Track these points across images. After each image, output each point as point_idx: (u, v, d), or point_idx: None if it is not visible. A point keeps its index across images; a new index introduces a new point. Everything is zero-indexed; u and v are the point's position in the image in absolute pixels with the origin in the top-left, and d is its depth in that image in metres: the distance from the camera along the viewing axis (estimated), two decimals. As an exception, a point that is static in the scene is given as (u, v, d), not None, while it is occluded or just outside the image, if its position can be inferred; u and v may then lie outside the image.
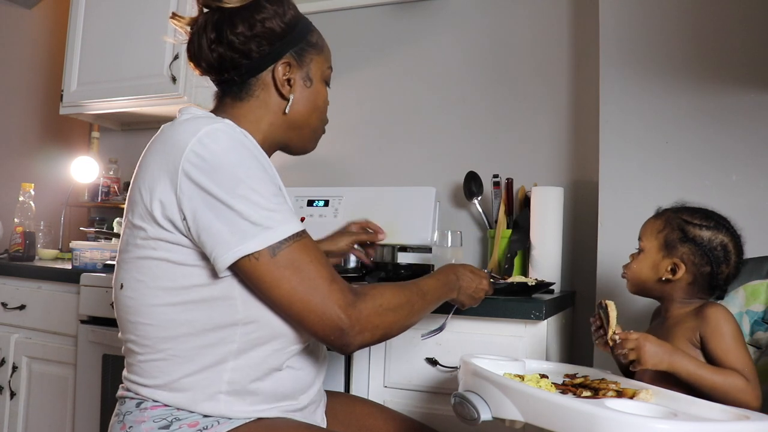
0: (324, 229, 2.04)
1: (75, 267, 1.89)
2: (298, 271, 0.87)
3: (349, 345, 0.90)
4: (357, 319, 0.89)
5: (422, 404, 1.38)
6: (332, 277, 0.89)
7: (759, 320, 1.16)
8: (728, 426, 0.82)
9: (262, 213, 0.86)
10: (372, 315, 0.91)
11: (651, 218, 1.13)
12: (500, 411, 0.89)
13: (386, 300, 0.94)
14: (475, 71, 2.03)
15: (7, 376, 1.90)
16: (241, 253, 0.85)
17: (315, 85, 1.04)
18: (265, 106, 1.01)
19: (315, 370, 1.04)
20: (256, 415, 0.95)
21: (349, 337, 0.89)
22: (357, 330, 0.89)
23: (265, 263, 0.86)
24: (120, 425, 0.94)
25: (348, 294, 0.89)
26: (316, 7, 2.19)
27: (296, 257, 0.87)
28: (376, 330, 0.92)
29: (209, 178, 0.85)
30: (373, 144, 2.15)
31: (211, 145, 0.87)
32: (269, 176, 0.90)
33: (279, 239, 0.86)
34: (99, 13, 2.22)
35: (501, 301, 1.32)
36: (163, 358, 0.92)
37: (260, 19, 0.98)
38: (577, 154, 1.88)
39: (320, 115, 1.07)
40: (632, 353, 0.98)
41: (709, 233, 1.05)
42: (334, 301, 0.88)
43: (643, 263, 1.09)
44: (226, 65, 1.00)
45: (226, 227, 0.85)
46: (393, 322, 0.95)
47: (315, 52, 1.04)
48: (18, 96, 2.89)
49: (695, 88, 1.49)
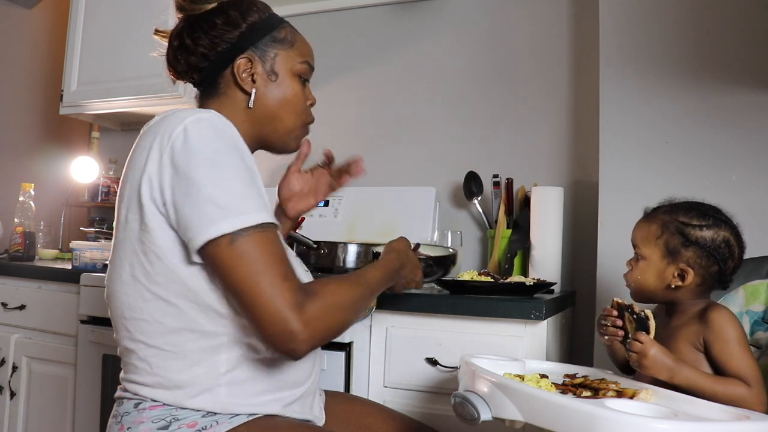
0: (324, 229, 2.05)
1: (75, 267, 1.89)
2: (252, 261, 0.85)
3: (296, 351, 0.87)
4: (306, 321, 0.85)
5: (422, 404, 1.38)
6: (285, 275, 0.87)
7: (759, 320, 1.16)
8: (728, 426, 0.82)
9: (230, 199, 0.86)
10: (322, 317, 0.88)
11: (642, 222, 1.10)
12: (500, 411, 0.89)
13: (337, 298, 0.92)
14: (475, 71, 2.03)
15: (7, 376, 1.90)
16: (206, 237, 0.85)
17: (282, 79, 1.05)
18: (233, 102, 1.04)
19: (310, 359, 1.04)
20: (257, 407, 0.95)
21: (297, 342, 0.86)
22: (307, 334, 0.86)
23: (224, 249, 0.85)
24: (118, 426, 0.94)
25: (298, 294, 0.86)
26: (316, 7, 2.19)
27: (253, 248, 0.86)
28: (327, 332, 0.90)
29: (187, 163, 0.87)
30: (373, 144, 2.14)
31: (193, 131, 0.89)
32: (246, 166, 0.91)
33: (241, 226, 0.85)
34: (99, 13, 2.22)
35: (501, 301, 1.32)
36: (157, 354, 0.93)
37: (218, 22, 1.02)
38: (577, 154, 1.88)
39: (293, 109, 1.07)
40: (634, 356, 0.97)
41: (711, 232, 1.02)
42: (284, 299, 0.85)
43: (646, 272, 1.06)
44: (191, 69, 1.05)
45: (195, 211, 0.86)
46: (343, 321, 0.95)
47: (281, 47, 1.06)
48: (18, 96, 2.89)
49: (695, 88, 1.49)
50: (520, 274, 1.74)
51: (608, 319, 1.06)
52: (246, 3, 1.05)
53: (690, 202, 1.07)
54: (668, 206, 1.08)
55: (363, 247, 1.70)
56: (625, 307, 1.05)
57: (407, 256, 1.17)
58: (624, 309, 1.04)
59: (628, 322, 1.03)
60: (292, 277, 0.88)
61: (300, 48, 1.09)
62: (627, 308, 1.04)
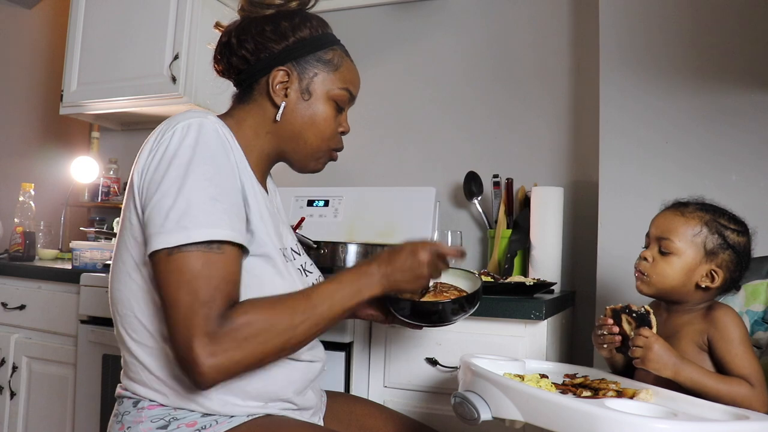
0: (324, 229, 2.05)
1: (75, 267, 1.89)
2: (179, 279, 0.83)
3: (198, 381, 0.83)
4: (213, 352, 0.81)
5: (422, 404, 1.38)
6: (208, 299, 0.82)
7: (759, 320, 1.16)
8: (728, 426, 0.82)
9: (184, 212, 0.84)
10: (233, 349, 0.82)
11: (674, 214, 1.05)
12: (500, 411, 0.89)
13: (254, 330, 0.84)
14: (475, 71, 2.03)
15: (7, 376, 1.90)
16: (151, 247, 0.85)
17: (315, 100, 1.03)
18: (262, 111, 1.03)
19: (303, 370, 1.02)
20: (252, 411, 0.95)
21: (198, 372, 0.81)
22: (210, 366, 0.81)
23: (162, 260, 0.84)
24: (119, 425, 0.94)
25: (213, 322, 0.81)
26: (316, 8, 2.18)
27: (188, 265, 0.83)
28: (237, 366, 0.84)
29: (159, 168, 0.87)
30: (373, 144, 2.15)
31: (177, 137, 0.89)
32: (220, 179, 0.88)
33: (182, 242, 0.83)
34: (99, 13, 2.22)
35: (501, 301, 1.32)
36: (152, 354, 0.93)
37: (267, 29, 1.01)
38: (577, 154, 1.88)
39: (318, 132, 1.04)
40: (638, 351, 0.97)
41: (745, 239, 1.03)
42: (195, 326, 0.81)
43: (676, 267, 1.02)
44: (231, 68, 1.05)
45: (151, 217, 0.86)
46: (262, 354, 0.86)
47: (323, 68, 1.03)
48: (18, 96, 2.89)
49: (695, 89, 1.50)
50: (520, 274, 1.74)
51: (604, 327, 1.04)
52: (301, 17, 1.04)
53: (718, 206, 1.06)
54: (701, 205, 1.06)
55: (363, 247, 1.70)
56: (620, 310, 1.03)
57: (391, 251, 1.00)
58: (620, 312, 1.03)
59: (626, 323, 1.03)
60: (216, 303, 0.83)
61: (344, 74, 1.05)
62: (624, 310, 1.03)
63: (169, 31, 2.07)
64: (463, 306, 1.05)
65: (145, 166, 0.90)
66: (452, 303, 1.04)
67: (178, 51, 2.04)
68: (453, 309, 1.04)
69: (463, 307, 1.05)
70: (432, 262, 0.98)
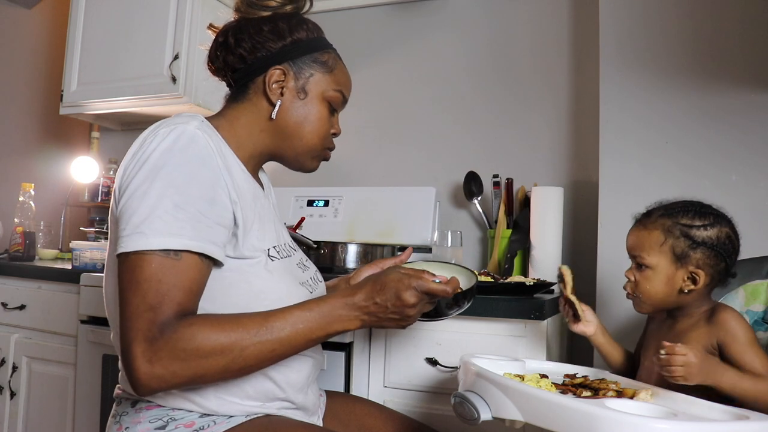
0: (324, 229, 2.05)
1: (75, 267, 1.89)
2: (132, 281, 0.82)
3: (136, 386, 0.81)
4: (152, 359, 0.79)
5: (422, 404, 1.38)
6: (154, 305, 0.81)
7: (759, 320, 1.16)
8: (728, 426, 0.82)
9: (146, 218, 0.84)
10: (170, 360, 0.80)
11: (639, 230, 1.06)
12: (500, 411, 0.89)
13: (195, 344, 0.81)
14: (475, 71, 2.03)
15: (7, 376, 1.90)
16: (118, 249, 0.85)
17: (310, 99, 1.04)
18: (256, 110, 1.03)
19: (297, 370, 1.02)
20: (251, 411, 0.95)
21: (136, 377, 0.80)
22: (147, 372, 0.79)
23: (123, 261, 0.84)
24: (117, 426, 0.94)
25: (154, 328, 0.80)
26: (316, 8, 2.15)
27: (141, 267, 0.82)
28: (175, 377, 0.81)
29: (134, 173, 0.87)
30: (373, 144, 2.15)
31: (155, 141, 0.88)
32: (189, 187, 0.87)
33: (145, 248, 0.82)
34: (99, 13, 2.22)
35: (501, 301, 1.32)
36: None
37: (265, 29, 1.02)
38: (577, 154, 1.88)
39: (314, 131, 1.04)
40: (679, 370, 0.91)
41: (715, 231, 1.01)
42: (137, 329, 0.80)
43: (655, 281, 1.03)
44: (227, 67, 1.05)
45: (121, 220, 0.86)
46: (203, 370, 0.82)
47: (319, 69, 1.04)
48: (18, 96, 2.89)
49: (695, 88, 1.49)
50: (520, 274, 1.74)
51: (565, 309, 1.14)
52: (298, 19, 1.06)
53: (684, 202, 1.06)
54: (663, 209, 1.05)
55: (363, 247, 1.70)
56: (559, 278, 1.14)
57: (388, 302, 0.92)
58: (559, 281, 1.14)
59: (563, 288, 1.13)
60: (165, 310, 0.81)
61: (338, 76, 1.07)
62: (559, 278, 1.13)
63: (169, 31, 2.07)
64: (457, 301, 1.06)
65: (125, 170, 0.90)
66: (447, 297, 1.03)
67: (178, 51, 2.04)
68: (448, 303, 1.05)
69: (458, 301, 1.06)
70: (419, 304, 0.93)
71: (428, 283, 0.92)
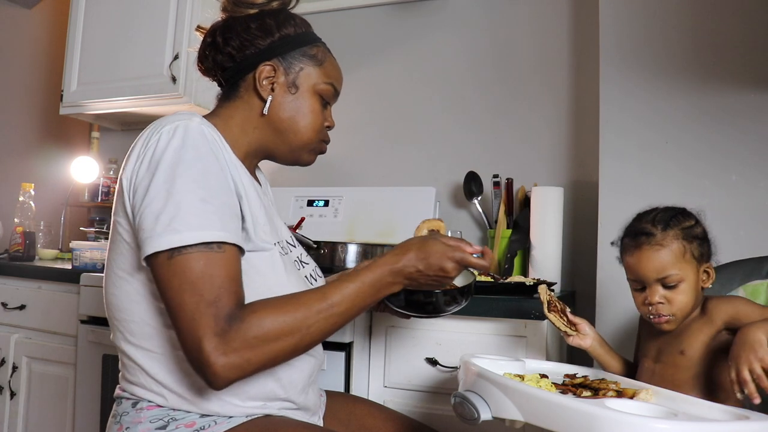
0: (324, 229, 2.05)
1: (75, 267, 1.89)
2: (183, 281, 0.83)
3: (211, 381, 0.83)
4: (225, 352, 0.81)
5: (422, 404, 1.38)
6: (215, 299, 0.82)
7: (759, 320, 1.16)
8: (728, 426, 0.82)
9: (175, 215, 0.84)
10: (244, 348, 0.82)
11: (657, 250, 1.02)
12: (500, 411, 0.89)
13: (265, 329, 0.84)
14: (475, 71, 2.03)
15: (7, 376, 1.90)
16: (147, 251, 0.84)
17: (301, 93, 1.04)
18: (249, 107, 1.03)
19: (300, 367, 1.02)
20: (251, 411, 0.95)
21: (211, 373, 0.81)
22: (223, 365, 0.81)
23: (162, 264, 0.84)
24: (117, 426, 0.94)
25: (222, 321, 0.82)
26: (316, 7, 2.19)
27: (190, 266, 0.83)
28: (249, 365, 0.83)
29: (148, 172, 0.87)
30: (373, 144, 2.15)
31: (164, 140, 0.89)
32: (208, 180, 0.88)
33: (180, 244, 0.83)
34: (99, 13, 2.22)
35: (501, 301, 1.32)
36: (146, 356, 0.93)
37: (252, 26, 1.03)
38: (577, 154, 1.88)
39: (308, 124, 1.05)
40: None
41: (700, 224, 1.06)
42: (204, 326, 0.81)
43: (688, 291, 1.02)
44: (216, 67, 1.05)
45: (144, 221, 0.86)
46: (275, 353, 0.86)
47: (309, 63, 1.05)
48: (18, 96, 2.89)
49: (695, 88, 1.49)
50: (520, 274, 1.74)
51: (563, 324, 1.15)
52: (285, 15, 1.06)
53: (664, 210, 1.07)
54: (663, 224, 1.04)
55: (363, 247, 1.70)
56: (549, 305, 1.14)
57: (420, 250, 0.97)
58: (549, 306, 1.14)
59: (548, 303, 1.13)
60: (223, 302, 0.83)
61: (328, 69, 1.08)
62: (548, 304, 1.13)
63: (169, 31, 2.07)
64: (455, 298, 1.07)
65: (134, 171, 0.90)
66: (445, 294, 1.05)
67: (178, 51, 2.04)
68: (446, 300, 1.06)
69: (456, 299, 1.07)
70: (457, 274, 0.99)
71: (469, 258, 0.98)
